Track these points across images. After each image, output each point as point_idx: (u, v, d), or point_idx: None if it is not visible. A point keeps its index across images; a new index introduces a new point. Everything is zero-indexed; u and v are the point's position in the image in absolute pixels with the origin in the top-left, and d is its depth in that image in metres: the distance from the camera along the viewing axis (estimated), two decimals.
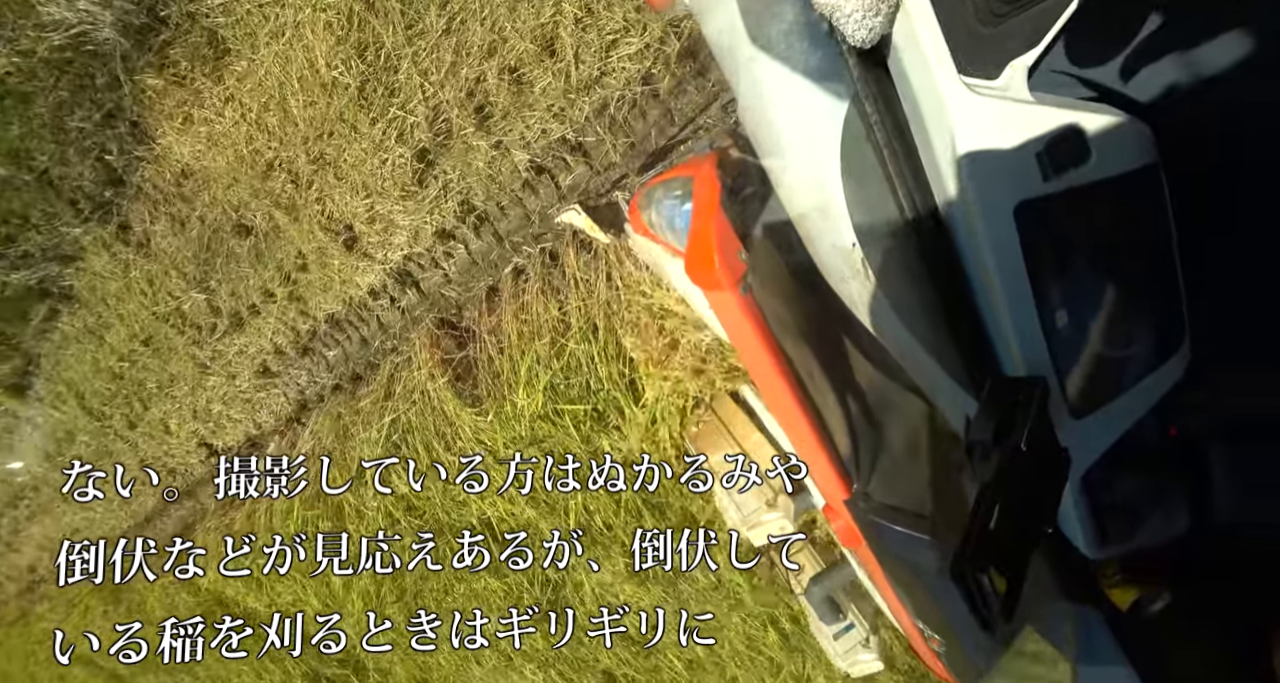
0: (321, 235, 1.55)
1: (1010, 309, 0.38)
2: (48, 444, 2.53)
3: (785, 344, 0.58)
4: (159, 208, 1.74)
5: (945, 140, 0.37)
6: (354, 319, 1.70)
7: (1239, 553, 0.44)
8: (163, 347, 1.99)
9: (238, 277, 1.74)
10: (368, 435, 1.69)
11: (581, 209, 1.23)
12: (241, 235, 1.68)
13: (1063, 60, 0.38)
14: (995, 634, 0.38)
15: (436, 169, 1.37)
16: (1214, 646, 0.43)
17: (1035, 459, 0.33)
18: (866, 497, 0.58)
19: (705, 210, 0.59)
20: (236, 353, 1.89)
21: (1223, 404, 0.43)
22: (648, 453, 1.40)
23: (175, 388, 2.06)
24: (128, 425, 2.24)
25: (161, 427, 2.18)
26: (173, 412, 2.13)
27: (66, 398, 2.30)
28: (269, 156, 1.53)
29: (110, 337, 2.05)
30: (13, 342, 2.18)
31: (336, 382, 1.82)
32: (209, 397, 2.01)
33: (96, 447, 2.37)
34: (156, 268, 1.82)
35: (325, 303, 1.69)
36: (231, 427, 2.07)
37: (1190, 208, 0.39)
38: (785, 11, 0.38)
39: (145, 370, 2.07)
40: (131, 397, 2.16)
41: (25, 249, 1.88)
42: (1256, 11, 0.33)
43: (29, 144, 1.69)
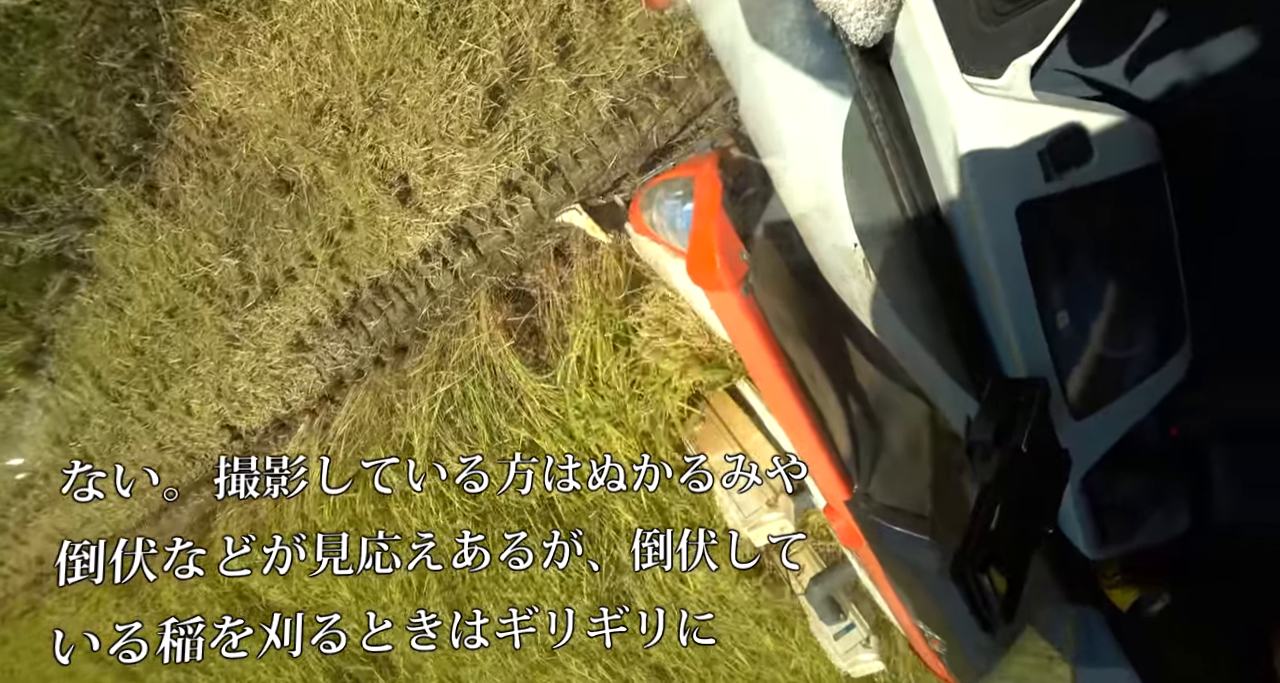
0: (373, 187, 1.37)
1: (1011, 310, 0.38)
2: (60, 428, 2.33)
3: (786, 344, 0.58)
4: (190, 163, 1.54)
5: (947, 140, 0.37)
6: (400, 285, 1.51)
7: (1239, 554, 0.44)
8: (188, 319, 1.80)
9: (274, 239, 1.56)
10: (417, 408, 1.51)
11: (582, 209, 1.22)
12: (281, 192, 1.49)
13: (1066, 59, 0.38)
14: (995, 635, 0.38)
15: (508, 110, 1.20)
16: (1214, 646, 0.43)
17: (1036, 460, 0.33)
18: (867, 497, 0.58)
19: (706, 210, 0.59)
20: (268, 324, 1.71)
21: (1223, 405, 0.42)
22: (648, 453, 1.40)
23: (199, 364, 1.88)
24: (146, 407, 2.05)
25: (182, 407, 2.00)
26: (195, 391, 1.95)
27: (81, 378, 2.09)
28: (318, 100, 1.33)
29: (131, 309, 1.86)
30: (26, 317, 1.96)
31: (377, 355, 1.63)
32: (235, 373, 1.84)
33: (111, 431, 2.19)
34: (184, 231, 1.63)
35: (370, 266, 1.50)
36: (258, 407, 1.89)
37: (1193, 207, 0.39)
38: (787, 10, 0.38)
39: (167, 346, 1.89)
40: (151, 375, 1.97)
41: (44, 211, 1.65)
42: (1261, 9, 0.33)
43: (54, 87, 1.44)
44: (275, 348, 1.76)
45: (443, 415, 1.52)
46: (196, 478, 2.19)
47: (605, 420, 1.36)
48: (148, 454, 2.19)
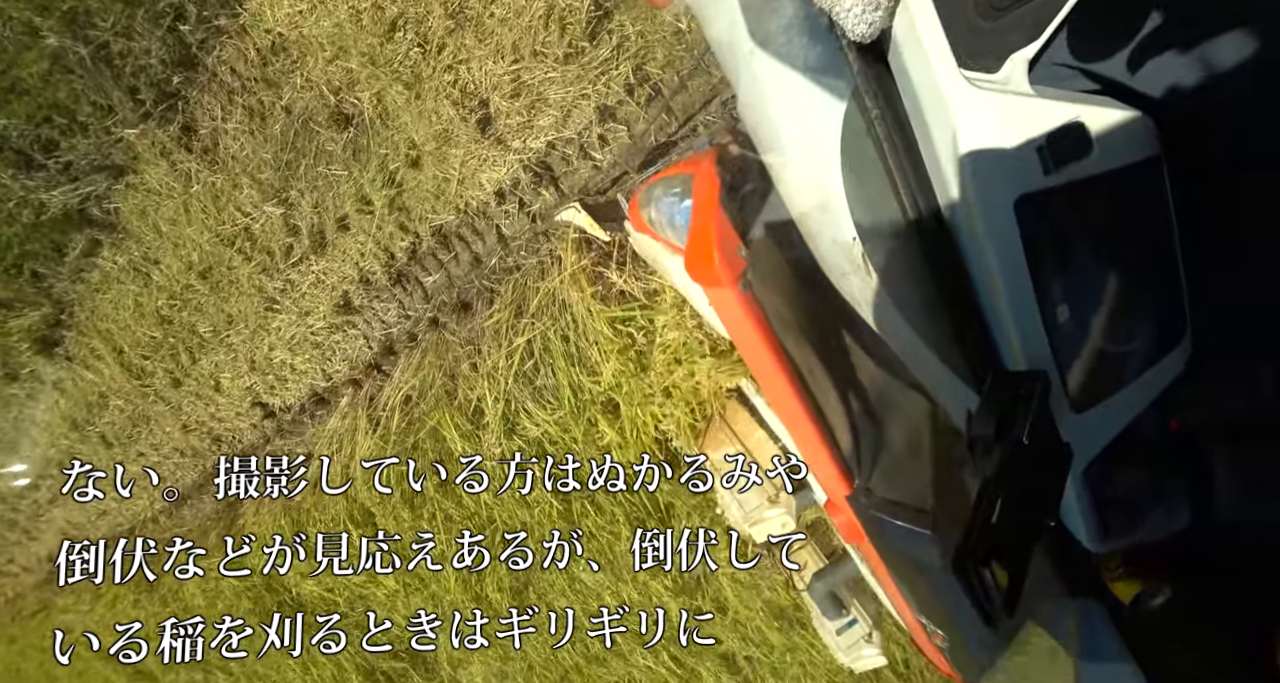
0: (450, 112, 1.19)
1: (1011, 303, 0.38)
2: (77, 412, 2.09)
3: (786, 341, 0.58)
4: (235, 99, 1.37)
5: (946, 134, 0.37)
6: (467, 232, 1.32)
7: (1240, 550, 0.44)
8: (223, 280, 1.62)
9: (326, 183, 1.38)
10: (490, 365, 1.33)
11: (581, 207, 1.22)
12: (338, 126, 1.32)
13: (1065, 53, 0.38)
14: (998, 629, 0.38)
15: (613, 22, 1.04)
16: (1216, 641, 0.43)
17: (1037, 453, 0.33)
18: (868, 492, 0.59)
19: (705, 207, 0.59)
20: (313, 283, 1.51)
21: (1223, 400, 0.43)
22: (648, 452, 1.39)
23: (233, 332, 1.69)
24: (171, 383, 1.87)
25: (211, 383, 1.81)
26: (226, 363, 1.76)
27: (102, 354, 1.90)
28: (393, 14, 1.18)
29: (158, 273, 1.69)
30: (44, 285, 1.76)
31: (435, 314, 1.44)
32: (272, 342, 1.65)
33: (132, 413, 1.99)
34: (223, 179, 1.45)
35: (434, 211, 1.31)
36: (294, 380, 1.70)
37: (1193, 201, 0.39)
38: (785, 7, 0.38)
39: (198, 312, 1.70)
40: (178, 347, 1.79)
41: (68, 159, 1.47)
42: (1263, 5, 0.33)
43: (89, 3, 1.26)
44: (319, 311, 1.55)
45: (520, 372, 1.31)
46: (228, 453, 2.04)
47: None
48: (171, 437, 2.01)
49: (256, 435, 1.92)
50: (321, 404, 1.75)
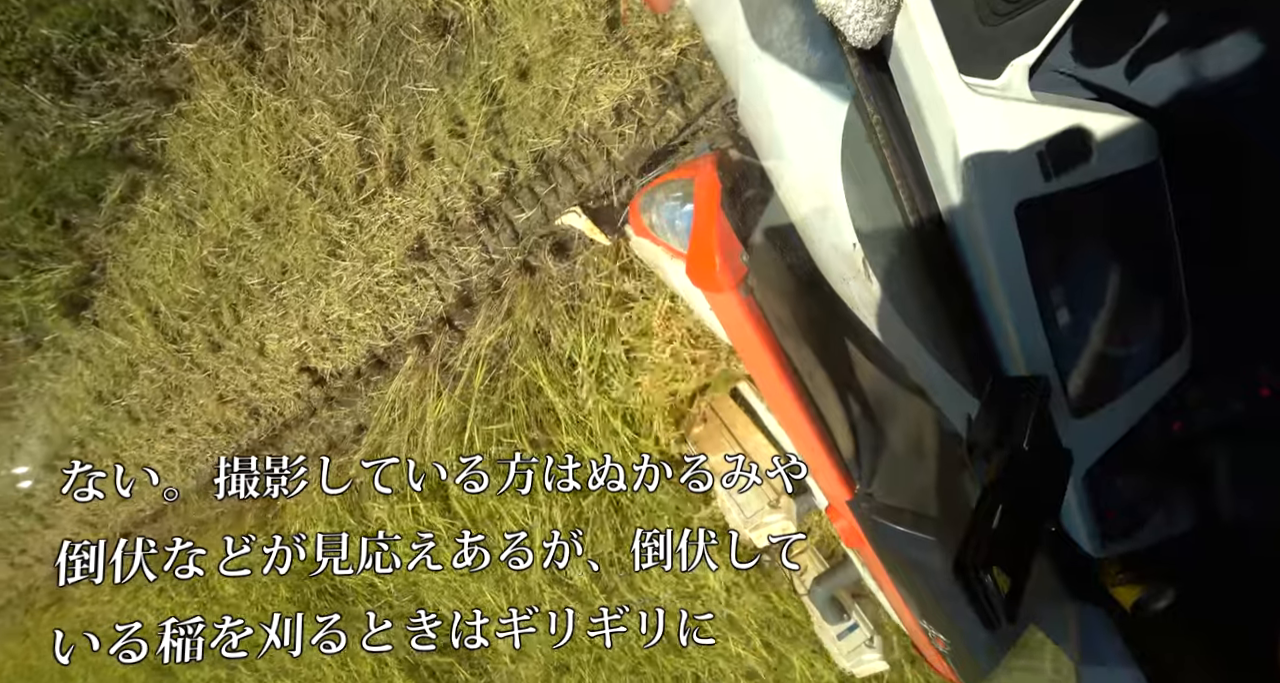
0: (576, 5, 1.00)
1: (1011, 308, 0.38)
2: (102, 383, 1.84)
3: (786, 345, 0.58)
4: (311, 6, 1.16)
5: (946, 140, 0.37)
6: (573, 159, 1.11)
7: (1242, 553, 0.44)
8: (280, 222, 1.38)
9: (412, 103, 1.14)
10: (588, 313, 1.17)
11: (582, 211, 1.22)
12: (434, 34, 1.11)
13: (1065, 60, 0.38)
14: (999, 634, 0.37)
15: None
16: (1218, 645, 0.43)
17: (1037, 458, 0.33)
18: (869, 497, 0.58)
19: (706, 212, 0.59)
20: (384, 224, 1.28)
21: (1225, 403, 0.42)
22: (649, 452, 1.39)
23: (286, 284, 1.46)
24: (210, 347, 1.64)
25: (255, 345, 1.58)
26: (274, 322, 1.52)
27: (134, 315, 1.67)
28: None
29: (205, 219, 1.45)
30: (76, 236, 1.52)
31: (525, 257, 1.24)
32: (329, 295, 1.42)
33: (163, 383, 1.76)
34: (290, 103, 1.24)
35: (537, 134, 1.10)
36: (350, 341, 1.47)
37: (1193, 206, 0.39)
38: (786, 12, 0.39)
39: (247, 263, 1.46)
40: (221, 304, 1.56)
41: (115, 81, 1.26)
42: (1260, 13, 0.33)
43: None
44: (388, 256, 1.31)
45: (619, 322, 1.17)
46: (259, 438, 1.79)
47: None
48: (204, 410, 1.78)
49: (301, 406, 1.66)
50: (379, 368, 1.49)
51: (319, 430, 1.80)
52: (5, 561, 3.01)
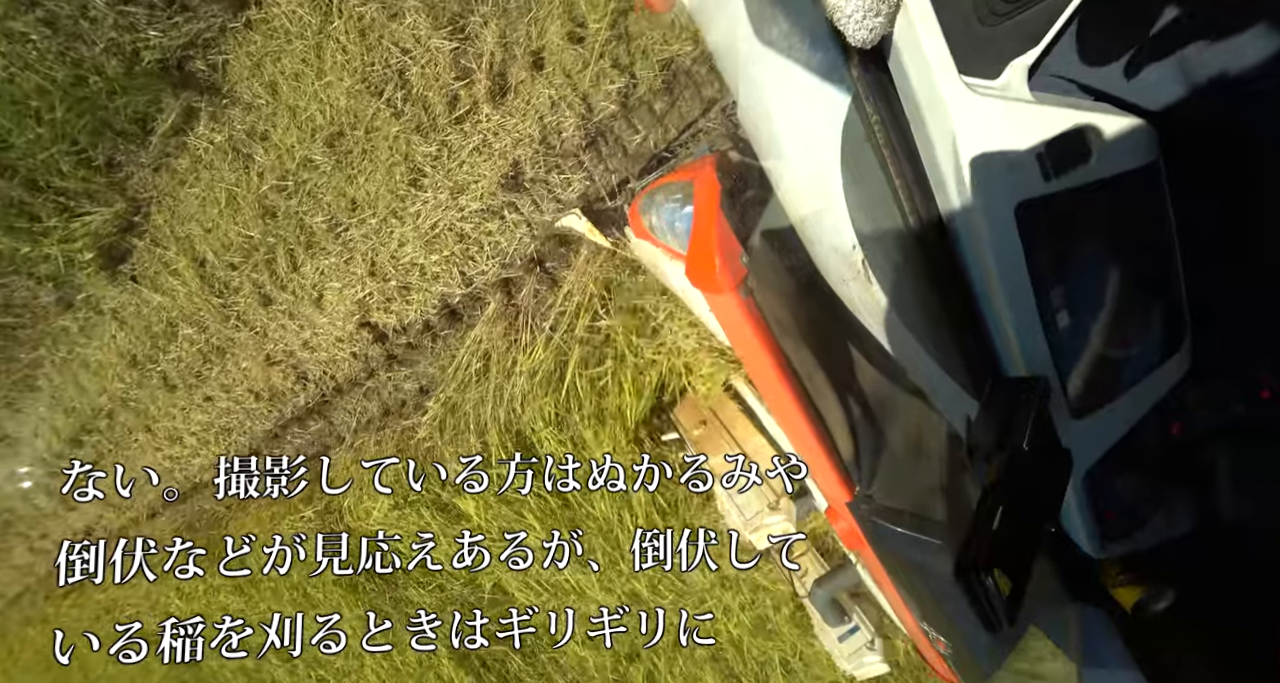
0: None
1: (1011, 309, 0.38)
2: (137, 345, 1.63)
3: (786, 347, 0.58)
4: None
5: (946, 140, 0.37)
6: (701, 70, 0.94)
7: (1243, 553, 0.44)
8: (355, 148, 1.18)
9: (524, 3, 0.98)
10: None
11: (582, 214, 1.21)
12: None
13: (1065, 60, 0.38)
14: (1000, 635, 0.37)
15: None
16: (1219, 645, 0.43)
17: (1037, 459, 0.33)
18: (869, 499, 0.58)
19: (706, 213, 0.59)
20: (476, 148, 1.08)
21: (1225, 404, 0.42)
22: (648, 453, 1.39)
23: (354, 223, 1.24)
24: (260, 301, 1.44)
25: (311, 297, 1.36)
26: (336, 269, 1.31)
27: (178, 266, 1.46)
28: None
29: (266, 152, 1.26)
30: (120, 175, 1.33)
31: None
32: (404, 234, 1.21)
33: (204, 344, 1.56)
34: (377, 9, 1.06)
35: (665, 42, 0.92)
36: (421, 289, 1.25)
37: (1194, 207, 0.39)
38: (786, 13, 0.38)
39: (312, 198, 1.25)
40: (278, 250, 1.35)
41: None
42: (1260, 15, 0.33)
43: None
44: (476, 187, 1.10)
45: None
46: (305, 405, 1.53)
47: None
48: (247, 374, 1.57)
49: (356, 368, 1.44)
50: (452, 321, 1.28)
51: (374, 395, 1.54)
52: (24, 545, 2.88)
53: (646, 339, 1.17)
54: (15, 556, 3.02)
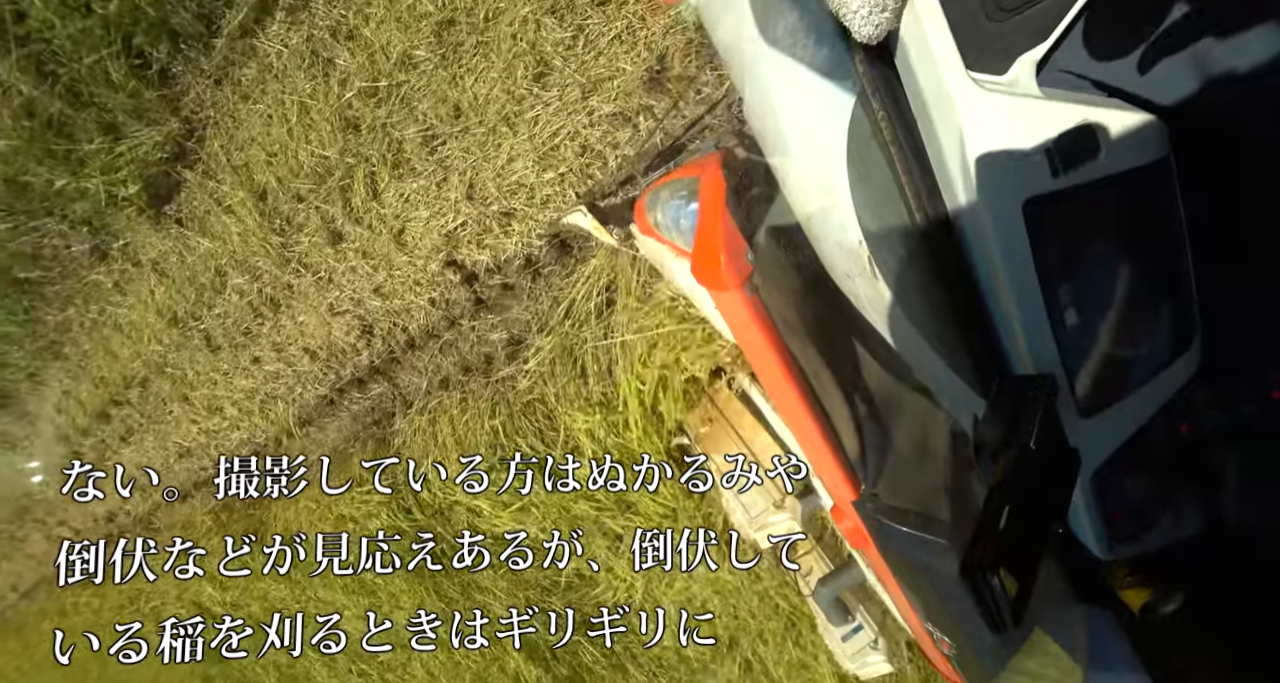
0: None
1: (1019, 307, 0.38)
2: (178, 301, 1.41)
3: (792, 344, 0.57)
4: None
5: (953, 137, 0.37)
6: None
7: (1251, 555, 0.44)
8: (467, 40, 0.94)
9: None
10: None
11: (588, 210, 1.22)
12: None
13: (1073, 56, 0.38)
14: (1005, 636, 0.37)
15: None
16: (1227, 648, 0.42)
17: (1044, 459, 0.33)
18: (874, 498, 0.58)
19: (711, 210, 0.59)
20: (619, 35, 0.88)
21: (1234, 404, 0.42)
22: (648, 453, 1.39)
23: (456, 134, 1.00)
24: (328, 238, 1.21)
25: (391, 231, 1.13)
26: (425, 193, 1.08)
27: (233, 202, 1.23)
28: None
29: (353, 53, 1.02)
30: (175, 88, 1.09)
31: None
32: (515, 148, 0.97)
33: (255, 295, 1.33)
34: None
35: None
36: (526, 217, 1.03)
37: (1203, 204, 0.39)
38: (792, 9, 0.38)
39: (406, 107, 1.01)
40: (355, 173, 1.12)
41: None
42: (1272, 8, 0.33)
43: None
44: (612, 85, 0.87)
45: None
46: (369, 364, 1.28)
47: None
48: (304, 329, 1.33)
49: (435, 317, 1.20)
50: (561, 253, 1.05)
51: (452, 350, 1.27)
52: (41, 533, 2.74)
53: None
54: (31, 544, 2.87)
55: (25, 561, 3.04)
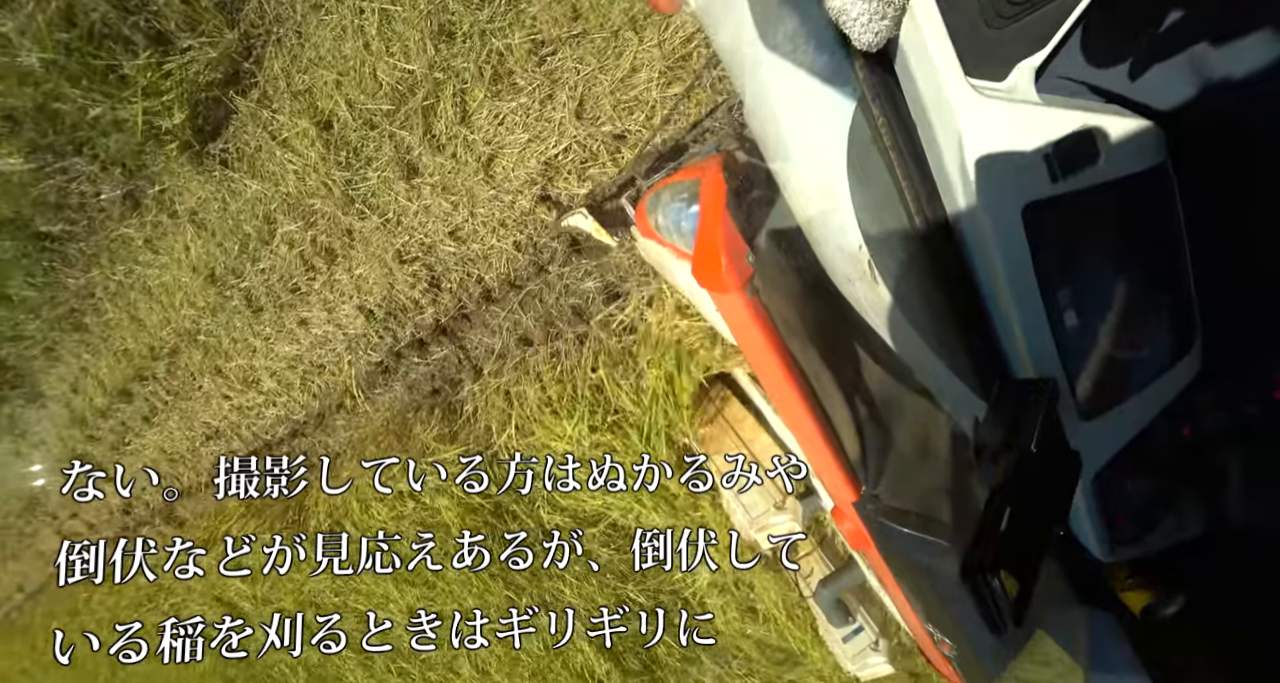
0: None
1: (1019, 311, 0.38)
2: (218, 255, 1.19)
3: (792, 346, 0.58)
4: None
5: (952, 142, 0.37)
6: None
7: (1253, 558, 0.44)
8: None
9: None
10: None
11: (589, 213, 1.22)
12: None
13: (1072, 62, 0.38)
14: (1006, 638, 0.37)
15: None
16: (1228, 651, 0.42)
17: (1045, 461, 0.33)
18: (875, 499, 0.58)
19: (712, 213, 0.59)
20: None
21: (1236, 406, 0.42)
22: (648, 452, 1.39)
23: (568, 41, 0.87)
24: (402, 171, 1.03)
25: (478, 160, 0.96)
26: (524, 113, 0.91)
27: (291, 135, 1.04)
28: None
29: None
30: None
31: None
32: (640, 55, 0.85)
33: (309, 244, 1.11)
34: None
35: None
36: (640, 139, 0.89)
37: (1202, 207, 0.39)
38: (792, 15, 0.39)
39: (512, 8, 0.87)
40: (443, 91, 0.93)
41: None
42: (1267, 15, 0.34)
43: None
44: None
45: None
46: (432, 323, 1.06)
47: None
48: (365, 281, 1.10)
49: (522, 263, 1.02)
50: (673, 158, 0.93)
51: (535, 303, 1.09)
52: (52, 528, 2.61)
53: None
54: (41, 540, 2.72)
55: (34, 560, 2.88)
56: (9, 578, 3.08)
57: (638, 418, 1.09)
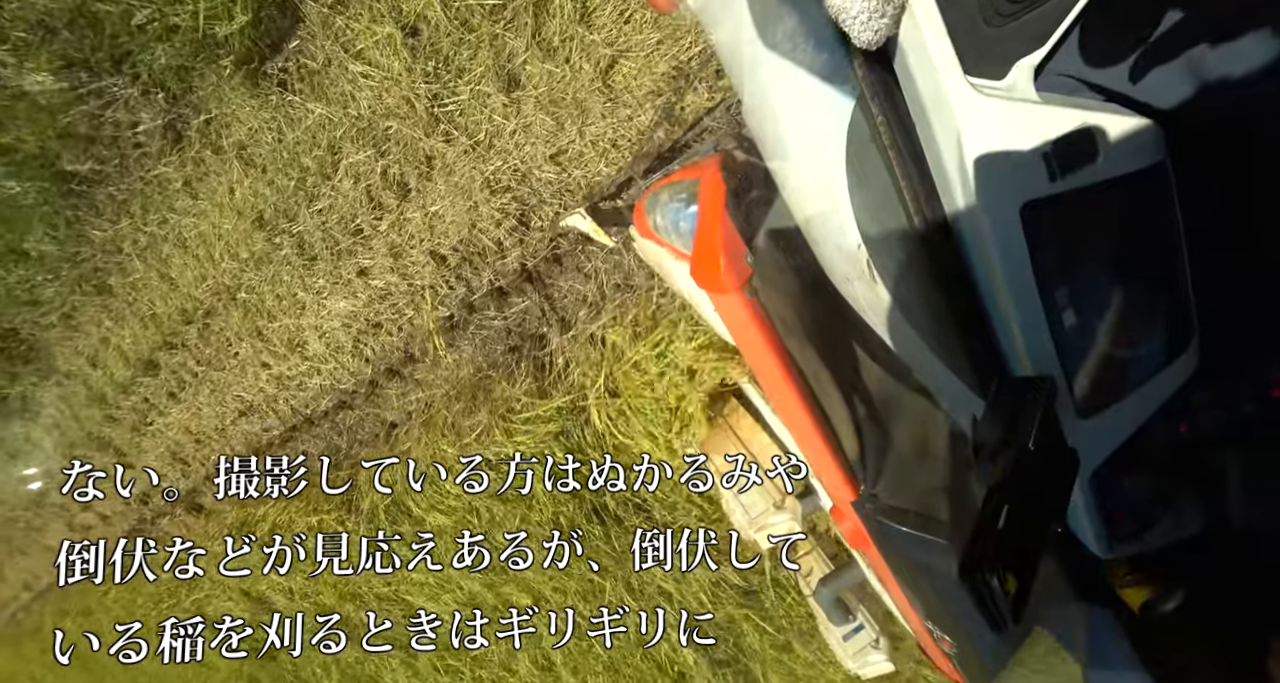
0: None
1: (1017, 309, 0.38)
2: (269, 195, 1.00)
3: (791, 346, 0.58)
4: None
5: (951, 141, 0.37)
6: None
7: (1252, 555, 0.44)
8: None
9: None
10: None
11: (587, 213, 1.22)
12: None
13: (1071, 61, 0.38)
14: (1005, 635, 0.37)
15: None
16: (1227, 648, 0.43)
17: (1043, 459, 0.33)
18: (874, 498, 0.58)
19: (710, 213, 0.59)
20: None
21: (1234, 403, 0.42)
22: (648, 452, 1.38)
23: None
24: (501, 85, 0.86)
25: (596, 72, 0.82)
26: (631, 20, 0.76)
27: (370, 43, 0.86)
28: None
29: None
30: None
31: None
32: None
33: (378, 177, 0.95)
34: None
35: None
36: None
37: (1201, 205, 0.39)
38: (791, 13, 0.39)
39: None
40: (508, 25, 0.79)
41: None
42: (1266, 15, 0.34)
43: None
44: None
45: None
46: (520, 265, 0.92)
47: None
48: (440, 219, 0.94)
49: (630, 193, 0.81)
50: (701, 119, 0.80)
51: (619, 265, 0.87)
52: (63, 521, 2.47)
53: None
54: (50, 535, 2.51)
55: (42, 555, 2.64)
56: (16, 575, 2.95)
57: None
